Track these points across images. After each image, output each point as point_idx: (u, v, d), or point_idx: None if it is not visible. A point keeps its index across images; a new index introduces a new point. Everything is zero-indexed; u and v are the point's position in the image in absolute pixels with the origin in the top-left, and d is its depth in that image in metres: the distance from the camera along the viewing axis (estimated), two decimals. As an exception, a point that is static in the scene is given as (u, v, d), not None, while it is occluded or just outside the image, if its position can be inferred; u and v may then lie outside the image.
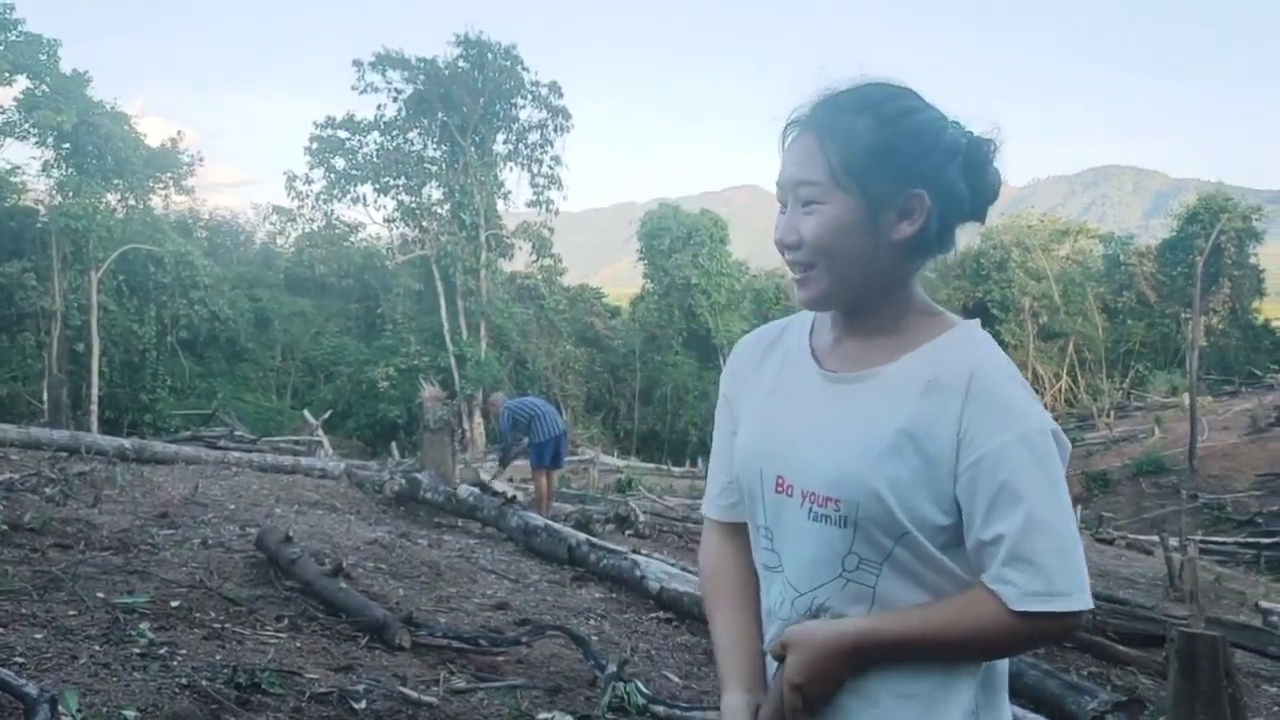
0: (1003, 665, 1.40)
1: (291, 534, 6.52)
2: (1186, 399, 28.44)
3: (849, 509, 1.31)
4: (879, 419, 1.32)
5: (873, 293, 1.38)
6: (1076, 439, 26.21)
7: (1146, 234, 74.15)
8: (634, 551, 7.66)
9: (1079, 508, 17.15)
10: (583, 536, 8.17)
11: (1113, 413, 35.27)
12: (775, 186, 1.40)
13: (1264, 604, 9.88)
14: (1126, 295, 45.33)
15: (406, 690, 4.20)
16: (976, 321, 1.42)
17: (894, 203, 1.32)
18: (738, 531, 1.53)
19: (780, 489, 1.39)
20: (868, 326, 1.40)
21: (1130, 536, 17.16)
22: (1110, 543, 16.07)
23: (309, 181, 37.33)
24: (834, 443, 1.35)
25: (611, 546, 7.83)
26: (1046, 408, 1.40)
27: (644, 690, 4.35)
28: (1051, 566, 1.24)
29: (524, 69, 37.39)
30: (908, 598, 1.33)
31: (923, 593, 1.32)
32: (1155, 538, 14.58)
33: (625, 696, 4.29)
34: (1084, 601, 1.26)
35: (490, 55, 36.78)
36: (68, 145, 30.00)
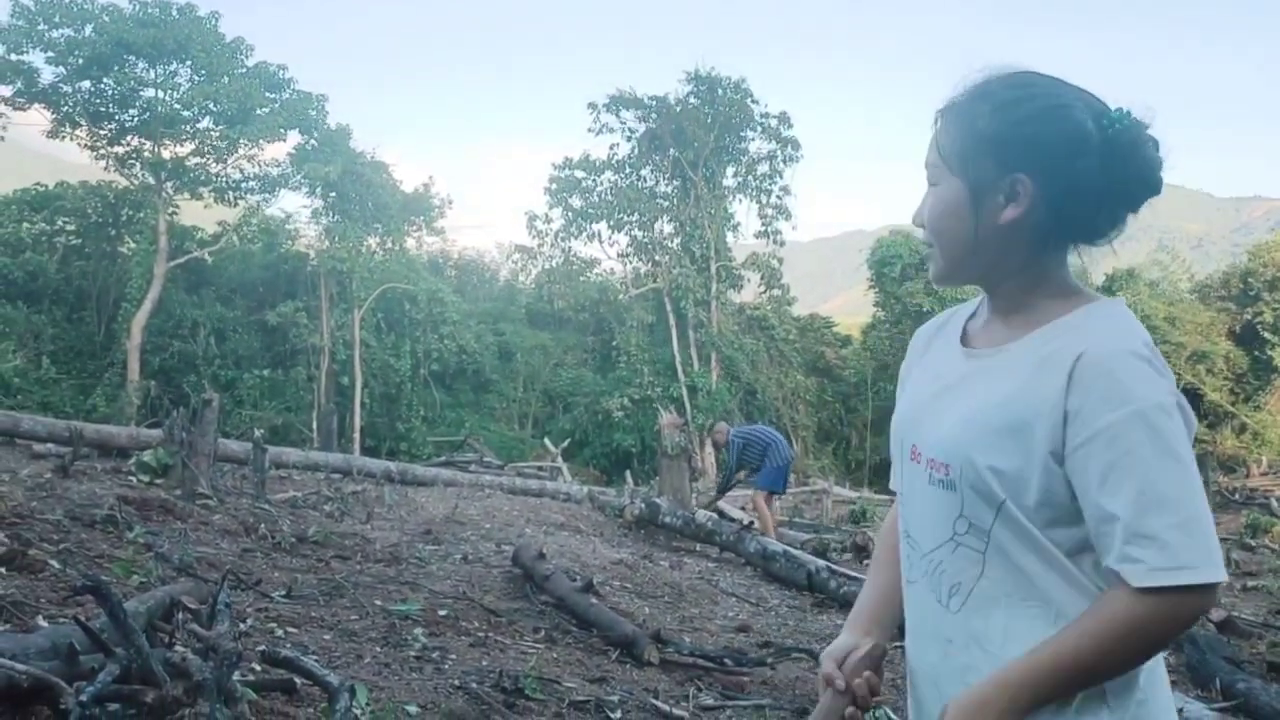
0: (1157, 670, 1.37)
1: (544, 551, 6.86)
2: None
3: (955, 474, 1.38)
4: (991, 392, 1.38)
5: (995, 274, 1.43)
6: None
7: None
8: (875, 580, 7.55)
9: None
10: (822, 563, 8.13)
11: None
12: None
13: None
14: None
15: (659, 704, 4.34)
16: (1118, 300, 1.43)
17: (998, 187, 1.37)
18: None
19: (914, 457, 1.48)
20: (1003, 307, 1.46)
21: None
22: None
23: (548, 220, 38.94)
24: (952, 413, 1.42)
25: (851, 573, 7.76)
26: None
27: (893, 716, 4.31)
28: (1175, 541, 1.22)
29: (753, 101, 37.62)
30: (1014, 573, 1.34)
31: (1029, 567, 1.33)
32: None
33: (874, 721, 4.26)
34: (1214, 574, 1.22)
35: (720, 90, 37.23)
36: (334, 194, 32.49)
